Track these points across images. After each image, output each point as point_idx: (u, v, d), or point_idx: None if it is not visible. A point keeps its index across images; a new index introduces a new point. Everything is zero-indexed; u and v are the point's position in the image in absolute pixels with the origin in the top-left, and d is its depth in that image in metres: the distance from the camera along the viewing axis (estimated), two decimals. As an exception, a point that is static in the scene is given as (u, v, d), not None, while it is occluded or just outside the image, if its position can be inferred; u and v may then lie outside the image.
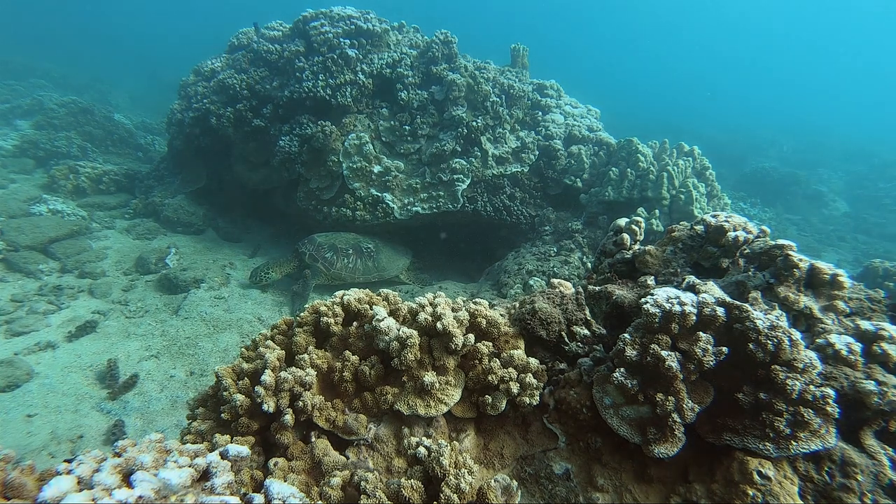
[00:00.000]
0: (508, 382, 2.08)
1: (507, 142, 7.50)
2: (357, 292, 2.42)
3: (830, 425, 1.71)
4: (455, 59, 7.67)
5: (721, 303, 1.84)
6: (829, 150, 23.03)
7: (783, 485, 1.71)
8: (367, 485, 1.71)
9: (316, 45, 7.50)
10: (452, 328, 2.08)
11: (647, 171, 6.77)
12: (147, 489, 1.32)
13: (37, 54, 19.50)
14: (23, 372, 4.73)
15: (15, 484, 1.36)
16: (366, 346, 2.24)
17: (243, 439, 1.97)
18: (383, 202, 7.03)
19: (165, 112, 9.20)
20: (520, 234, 7.50)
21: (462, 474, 1.66)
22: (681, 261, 2.52)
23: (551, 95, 8.63)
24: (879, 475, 1.75)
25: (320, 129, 6.94)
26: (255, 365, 2.15)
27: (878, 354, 1.95)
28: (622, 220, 2.83)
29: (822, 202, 16.70)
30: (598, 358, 2.20)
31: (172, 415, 4.56)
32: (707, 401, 1.82)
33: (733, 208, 10.78)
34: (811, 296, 2.22)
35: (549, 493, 1.95)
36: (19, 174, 9.24)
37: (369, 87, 7.38)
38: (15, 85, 14.08)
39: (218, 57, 8.81)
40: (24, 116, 11.90)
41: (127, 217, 8.31)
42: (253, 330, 5.81)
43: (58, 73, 17.90)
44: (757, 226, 2.45)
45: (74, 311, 5.82)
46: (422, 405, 2.04)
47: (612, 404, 1.92)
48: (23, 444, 4.05)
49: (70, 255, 6.76)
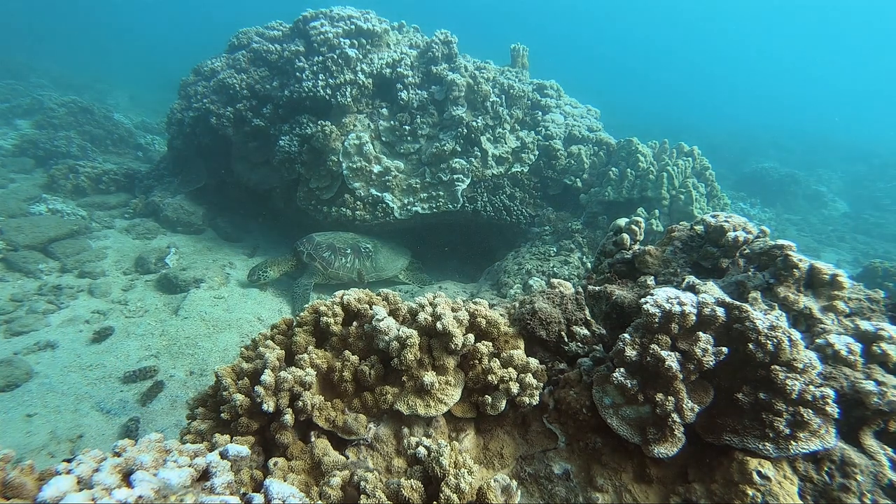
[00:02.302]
0: (508, 382, 2.08)
1: (506, 142, 7.50)
2: (357, 292, 2.42)
3: (830, 425, 1.71)
4: (455, 59, 7.67)
5: (721, 303, 1.84)
6: (829, 151, 23.04)
7: (783, 485, 1.71)
8: (367, 485, 1.71)
9: (316, 45, 7.50)
10: (452, 328, 2.08)
11: (647, 172, 6.77)
12: (147, 489, 1.32)
13: (37, 54, 19.50)
14: (22, 372, 4.73)
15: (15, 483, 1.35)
16: (366, 346, 2.24)
17: (243, 439, 1.97)
18: (383, 202, 7.03)
19: (165, 112, 9.19)
20: (520, 234, 7.50)
21: (462, 474, 1.66)
22: (681, 261, 2.52)
23: (551, 95, 8.63)
24: (879, 475, 1.75)
25: (320, 129, 6.94)
26: (254, 365, 2.15)
27: (878, 354, 1.95)
28: (622, 220, 2.83)
29: (822, 202, 16.72)
30: (597, 358, 2.20)
31: (172, 414, 4.56)
32: (707, 401, 1.82)
33: (733, 208, 10.79)
34: (811, 296, 2.22)
35: (549, 493, 1.96)
36: (19, 174, 9.23)
37: (369, 87, 7.37)
38: (14, 84, 14.07)
39: (218, 57, 8.80)
40: (23, 116, 11.89)
41: (127, 217, 8.30)
42: (252, 330, 5.80)
43: (57, 72, 17.90)
44: (757, 226, 2.45)
45: (74, 311, 5.81)
46: (421, 405, 2.04)
47: (611, 404, 1.92)
48: (22, 444, 4.05)
49: (70, 254, 6.75)
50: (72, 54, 22.95)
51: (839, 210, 16.47)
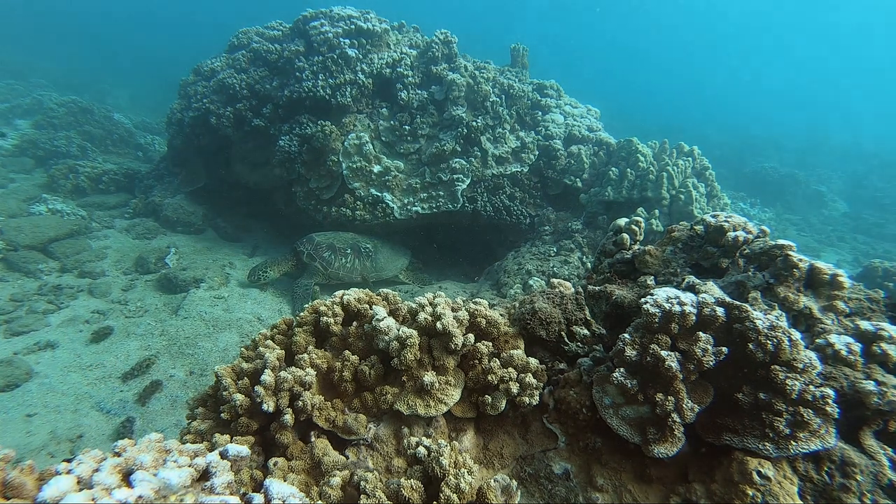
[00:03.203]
0: (508, 382, 2.08)
1: (506, 142, 7.50)
2: (357, 292, 2.42)
3: (830, 425, 1.71)
4: (455, 59, 7.67)
5: (721, 303, 1.84)
6: (829, 151, 23.04)
7: (783, 485, 1.71)
8: (367, 484, 1.71)
9: (316, 45, 7.50)
10: (452, 328, 2.08)
11: (647, 171, 6.77)
12: (147, 489, 1.32)
13: (37, 54, 19.49)
14: (22, 371, 4.73)
15: (14, 483, 1.35)
16: (365, 346, 2.24)
17: (243, 439, 1.97)
18: (383, 202, 7.03)
19: (165, 112, 9.20)
20: (520, 234, 7.50)
21: (462, 474, 1.66)
22: (680, 261, 2.52)
23: (551, 95, 8.64)
24: (879, 475, 1.75)
25: (320, 129, 6.94)
26: (254, 365, 2.15)
27: (878, 354, 1.95)
28: (622, 220, 2.83)
29: (822, 202, 16.72)
30: (597, 358, 2.20)
31: (172, 414, 4.56)
32: (707, 401, 1.82)
33: (733, 208, 10.78)
34: (811, 296, 2.22)
35: (549, 493, 1.96)
36: (19, 174, 9.23)
37: (369, 86, 7.37)
38: (14, 84, 14.07)
39: (218, 57, 8.80)
40: (23, 116, 11.89)
41: (126, 217, 8.31)
42: (252, 329, 5.80)
43: (57, 72, 17.89)
44: (757, 226, 2.45)
45: (74, 311, 5.81)
46: (421, 405, 2.04)
47: (611, 404, 1.92)
48: (22, 444, 4.05)
49: (69, 254, 6.75)
50: (72, 54, 22.94)
51: (839, 210, 16.47)
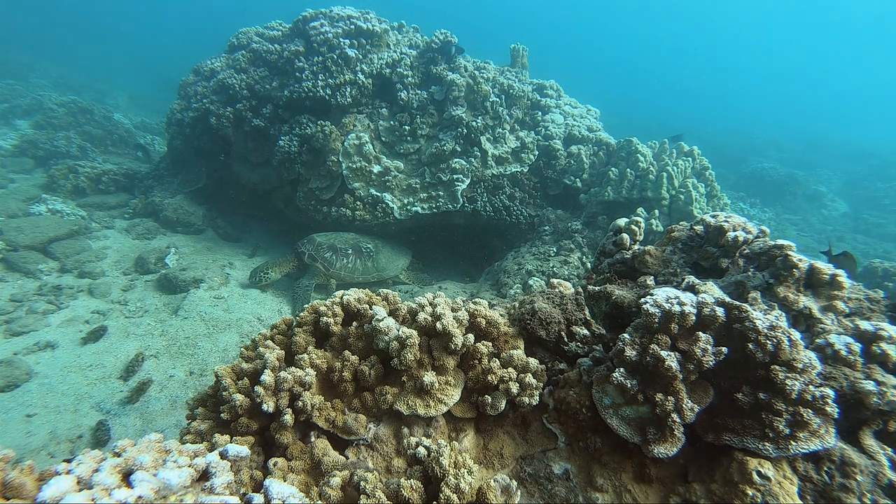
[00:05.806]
0: (508, 382, 2.08)
1: (506, 142, 7.50)
2: (357, 292, 2.42)
3: (830, 425, 1.71)
4: (455, 59, 7.67)
5: (720, 303, 1.84)
6: (829, 151, 23.04)
7: (782, 485, 1.71)
8: (367, 485, 1.71)
9: (316, 45, 7.50)
10: (452, 328, 2.08)
11: (647, 172, 6.77)
12: (147, 489, 1.32)
13: (36, 54, 19.47)
14: (22, 372, 4.73)
15: (14, 484, 1.35)
16: (365, 346, 2.24)
17: (243, 439, 1.97)
18: (383, 202, 7.03)
19: (165, 112, 9.20)
20: (519, 234, 7.50)
21: (462, 474, 1.66)
22: (680, 261, 2.52)
23: (551, 95, 8.63)
24: (878, 475, 1.75)
25: (320, 129, 6.94)
26: (254, 365, 2.15)
27: (878, 354, 1.95)
28: (622, 220, 2.84)
29: (822, 202, 16.72)
30: (597, 358, 2.20)
31: (172, 415, 4.55)
32: (706, 401, 1.82)
33: (733, 208, 10.78)
34: (811, 296, 2.22)
35: (549, 493, 1.96)
36: (18, 174, 9.23)
37: (369, 87, 7.37)
38: (14, 84, 14.06)
39: (218, 57, 8.80)
40: (23, 116, 11.88)
41: (126, 217, 8.30)
42: (252, 330, 5.80)
43: (57, 72, 17.88)
44: (756, 226, 2.45)
45: (74, 311, 5.81)
46: (421, 405, 2.04)
47: (611, 404, 1.92)
48: (22, 444, 4.05)
49: (69, 254, 6.75)
50: (72, 54, 22.92)
51: (839, 210, 16.47)
